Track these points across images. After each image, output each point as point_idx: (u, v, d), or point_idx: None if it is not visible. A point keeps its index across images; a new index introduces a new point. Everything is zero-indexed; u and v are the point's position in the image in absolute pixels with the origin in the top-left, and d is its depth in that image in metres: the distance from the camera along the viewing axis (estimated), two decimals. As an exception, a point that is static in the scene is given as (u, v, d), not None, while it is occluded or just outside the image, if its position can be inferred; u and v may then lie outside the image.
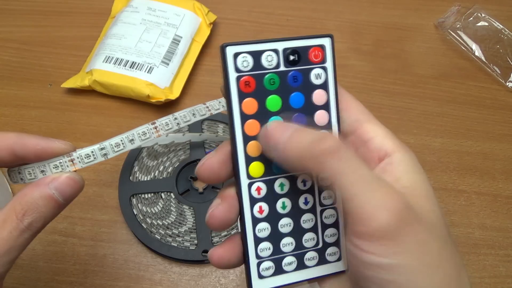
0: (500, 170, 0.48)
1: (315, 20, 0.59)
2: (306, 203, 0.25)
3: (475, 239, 0.44)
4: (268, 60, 0.23)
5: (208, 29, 0.55)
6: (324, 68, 0.24)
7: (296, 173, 0.24)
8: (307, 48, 0.24)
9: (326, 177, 0.21)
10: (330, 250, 0.25)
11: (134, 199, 0.44)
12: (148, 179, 0.45)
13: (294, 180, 0.24)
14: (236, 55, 0.22)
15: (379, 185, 0.21)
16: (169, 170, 0.45)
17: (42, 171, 0.24)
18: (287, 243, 0.25)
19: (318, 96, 0.24)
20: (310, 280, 0.25)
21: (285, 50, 0.23)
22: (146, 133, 0.26)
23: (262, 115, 0.23)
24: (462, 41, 0.56)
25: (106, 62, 0.50)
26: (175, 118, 0.28)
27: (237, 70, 0.23)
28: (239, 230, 0.24)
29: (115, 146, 0.25)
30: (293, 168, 0.22)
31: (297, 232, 0.25)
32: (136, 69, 0.50)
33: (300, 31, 0.57)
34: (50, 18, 0.58)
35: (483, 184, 0.47)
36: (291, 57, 0.23)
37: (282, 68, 0.23)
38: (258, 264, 0.24)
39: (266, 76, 0.23)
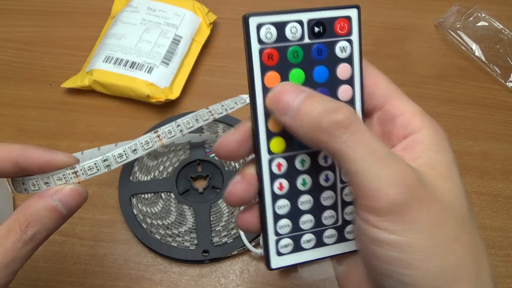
0: (500, 170, 0.48)
1: (315, 20, 0.59)
2: (327, 180, 0.24)
3: (475, 239, 0.44)
4: (292, 32, 0.22)
5: (208, 29, 0.55)
6: (350, 41, 0.23)
7: (313, 147, 0.24)
8: (332, 19, 0.22)
9: (335, 151, 0.20)
10: (349, 228, 0.25)
11: (134, 199, 0.44)
12: (148, 179, 0.45)
13: (315, 157, 0.24)
14: (259, 26, 0.22)
15: (391, 161, 0.20)
16: (169, 170, 0.45)
17: (46, 183, 0.25)
18: (306, 220, 0.24)
19: (342, 70, 0.23)
20: (328, 258, 0.25)
21: (310, 21, 0.22)
22: (149, 142, 0.26)
23: None
24: (462, 41, 0.56)
25: (106, 62, 0.50)
26: (178, 125, 0.28)
27: (260, 42, 0.22)
28: (258, 208, 0.24)
29: (118, 157, 0.25)
30: (303, 137, 0.21)
31: (317, 209, 0.24)
32: (136, 69, 0.50)
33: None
34: (50, 18, 0.58)
35: (483, 184, 0.47)
36: (316, 29, 0.22)
37: (306, 40, 0.22)
38: (277, 241, 0.24)
39: (290, 48, 0.22)
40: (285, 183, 0.24)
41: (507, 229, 0.44)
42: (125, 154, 0.26)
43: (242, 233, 0.41)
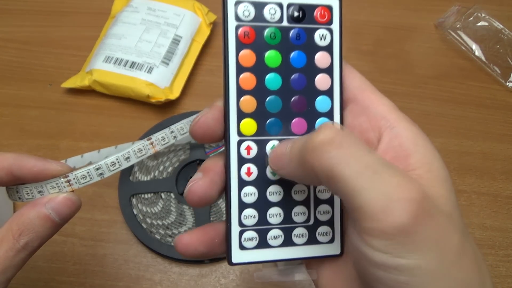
0: (500, 170, 0.48)
1: (315, 20, 0.59)
2: None
3: (475, 239, 0.44)
4: (271, 13, 0.22)
5: (208, 29, 0.55)
6: (330, 30, 0.23)
7: (298, 135, 0.23)
8: (313, 6, 0.23)
9: (326, 171, 0.18)
10: (321, 229, 0.24)
11: (134, 199, 0.44)
12: (148, 179, 0.45)
13: None
14: (237, 3, 0.22)
15: (389, 174, 0.18)
16: (169, 170, 0.45)
17: (40, 191, 0.25)
18: (274, 214, 0.23)
19: (321, 58, 0.23)
20: (296, 260, 0.24)
21: (289, 5, 0.22)
22: (142, 150, 0.26)
23: (260, 70, 0.22)
24: (462, 41, 0.56)
25: (106, 62, 0.50)
26: (172, 132, 0.28)
27: (237, 19, 0.22)
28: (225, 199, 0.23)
29: (111, 165, 0.25)
30: (301, 175, 0.20)
31: (287, 203, 0.23)
32: (136, 69, 0.50)
33: (300, 31, 0.57)
34: (50, 18, 0.58)
35: (483, 184, 0.47)
36: (296, 13, 0.22)
37: (285, 23, 0.22)
38: (241, 233, 0.23)
39: (268, 29, 0.22)
40: (253, 168, 0.23)
41: (507, 229, 0.44)
42: (118, 162, 0.25)
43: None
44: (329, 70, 0.23)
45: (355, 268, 0.21)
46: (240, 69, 0.22)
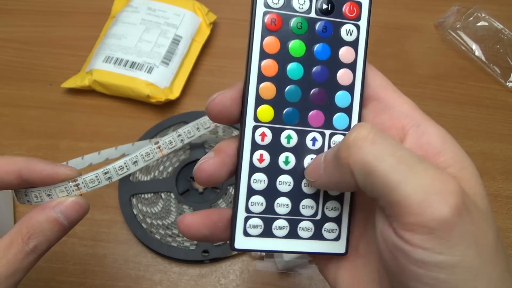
0: (500, 170, 0.48)
1: (315, 20, 0.59)
2: None
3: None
4: (300, 3, 0.22)
5: (208, 29, 0.55)
6: (357, 26, 0.23)
7: (315, 128, 0.23)
8: (343, 1, 0.23)
9: (361, 166, 0.18)
10: (328, 225, 0.23)
11: (134, 199, 0.44)
12: (148, 179, 0.45)
13: (303, 136, 0.23)
14: None
15: (425, 167, 0.18)
16: (169, 170, 0.45)
17: (49, 195, 0.25)
18: (282, 204, 0.23)
19: (345, 53, 0.23)
20: (299, 253, 0.24)
21: None
22: (149, 154, 0.26)
23: (283, 58, 0.22)
24: (462, 41, 0.56)
25: (106, 62, 0.50)
26: (179, 135, 0.28)
27: (266, 5, 0.22)
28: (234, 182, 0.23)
29: (119, 169, 0.25)
30: (337, 179, 0.20)
31: (296, 195, 0.23)
32: (136, 69, 0.50)
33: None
34: (50, 18, 0.58)
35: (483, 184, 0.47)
36: (324, 6, 0.22)
37: (313, 14, 0.22)
38: (246, 219, 0.23)
39: (295, 18, 0.22)
40: (266, 155, 0.23)
41: (507, 229, 0.44)
42: (126, 166, 0.25)
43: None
44: (352, 66, 0.23)
45: (386, 269, 0.20)
46: (263, 55, 0.22)
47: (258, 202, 0.23)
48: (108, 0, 0.58)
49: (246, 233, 0.23)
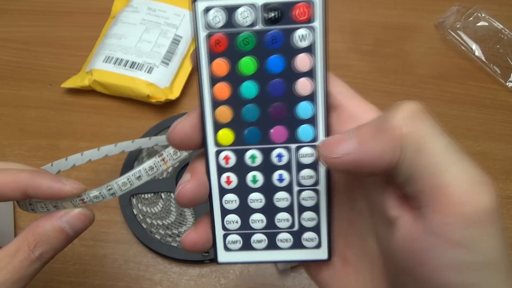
0: (500, 170, 0.48)
1: (315, 20, 0.59)
2: (280, 180, 0.23)
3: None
4: (243, 17, 0.20)
5: (208, 29, 0.55)
6: (312, 29, 0.21)
7: (278, 144, 0.22)
8: (291, 4, 0.20)
9: (416, 141, 0.17)
10: (307, 235, 0.23)
11: (134, 199, 0.44)
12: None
13: (268, 154, 0.22)
14: (207, 9, 0.20)
15: (466, 157, 0.17)
16: (169, 170, 0.45)
17: (55, 206, 0.25)
18: (257, 220, 0.23)
19: (301, 61, 0.21)
20: (282, 262, 0.24)
21: (264, 5, 0.20)
22: (153, 167, 0.25)
23: (234, 79, 0.21)
24: (462, 41, 0.56)
25: (106, 62, 0.50)
26: None
27: (207, 26, 0.21)
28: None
29: (122, 185, 0.25)
30: (376, 154, 0.18)
31: (269, 210, 0.23)
32: (136, 69, 0.50)
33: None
34: (50, 18, 0.58)
35: (483, 184, 0.47)
36: (271, 14, 0.20)
37: (259, 26, 0.20)
38: (225, 236, 0.23)
39: (240, 34, 0.21)
40: (233, 177, 0.23)
41: (507, 229, 0.44)
42: (129, 182, 0.25)
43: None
44: (311, 73, 0.21)
45: (399, 277, 0.19)
46: (213, 80, 0.21)
47: (233, 220, 0.23)
48: (108, 0, 0.58)
49: (226, 248, 0.23)
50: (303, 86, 0.21)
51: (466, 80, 0.54)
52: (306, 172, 0.23)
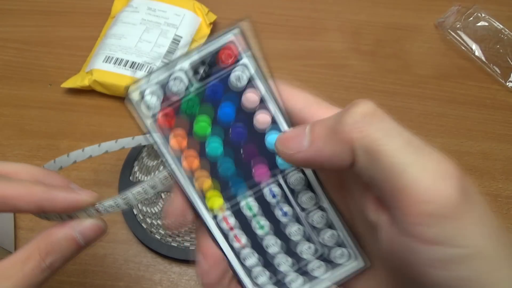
0: (500, 170, 0.48)
1: (315, 20, 0.59)
2: (285, 214, 0.22)
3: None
4: (177, 85, 0.20)
5: (208, 29, 0.55)
6: (244, 65, 0.20)
7: (263, 181, 0.22)
8: (214, 53, 0.20)
9: (367, 145, 0.17)
10: (335, 252, 0.23)
11: (134, 199, 0.44)
12: (148, 179, 0.45)
13: (261, 196, 0.22)
14: (140, 94, 0.20)
15: (429, 150, 0.17)
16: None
17: (69, 216, 0.25)
18: (282, 262, 0.23)
19: (248, 99, 0.21)
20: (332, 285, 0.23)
21: (191, 65, 0.20)
22: (168, 178, 0.24)
23: (196, 144, 0.21)
24: (462, 41, 0.56)
25: (106, 62, 0.50)
26: None
27: (149, 108, 0.20)
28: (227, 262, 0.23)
29: (137, 194, 0.24)
30: (328, 154, 0.18)
31: (289, 247, 0.23)
32: (136, 69, 0.50)
33: (300, 31, 0.57)
34: (50, 18, 0.58)
35: (483, 184, 0.47)
36: (201, 70, 0.20)
37: (196, 86, 0.20)
38: None
39: (183, 101, 0.20)
40: (240, 233, 0.22)
41: (507, 229, 0.44)
42: (144, 191, 0.24)
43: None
44: (262, 106, 0.21)
45: (401, 278, 0.19)
46: (177, 153, 0.21)
47: (260, 274, 0.23)
48: (108, 0, 0.58)
49: None
50: (261, 119, 0.21)
51: (466, 80, 0.54)
52: (303, 195, 0.22)
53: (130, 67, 0.50)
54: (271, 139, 0.21)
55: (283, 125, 0.21)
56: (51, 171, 0.27)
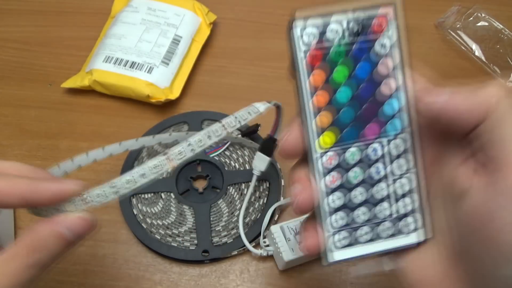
0: (500, 170, 0.48)
1: (315, 20, 0.59)
2: (378, 172, 0.25)
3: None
4: (333, 33, 0.24)
5: (208, 29, 0.55)
6: (389, 36, 0.24)
7: (373, 139, 0.25)
8: (370, 18, 0.24)
9: (501, 111, 0.21)
10: (405, 220, 0.25)
11: (134, 199, 0.44)
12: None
13: (365, 150, 0.25)
14: (302, 30, 0.23)
15: None
16: (169, 170, 0.45)
17: (57, 209, 0.25)
18: (360, 213, 0.25)
19: (384, 65, 0.24)
20: (386, 252, 0.26)
21: (349, 22, 0.24)
22: (157, 165, 0.25)
23: (330, 87, 0.24)
24: (462, 41, 0.56)
25: (106, 62, 0.50)
26: (189, 144, 0.26)
27: (304, 44, 0.24)
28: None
29: (125, 183, 0.25)
30: (461, 109, 0.22)
31: (370, 202, 0.25)
32: (136, 69, 0.50)
33: (300, 31, 0.57)
34: (50, 18, 0.58)
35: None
36: (355, 29, 0.24)
37: (347, 40, 0.24)
38: (333, 234, 0.25)
39: (332, 48, 0.24)
40: (337, 176, 0.25)
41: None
42: (134, 180, 0.25)
43: (242, 233, 0.41)
44: (393, 75, 0.24)
45: (465, 246, 0.22)
46: (312, 90, 0.24)
47: (339, 218, 0.25)
48: (108, 0, 0.58)
49: (335, 247, 0.25)
50: (387, 85, 0.24)
51: (466, 80, 0.53)
52: (398, 162, 0.25)
53: (130, 67, 0.50)
54: (389, 104, 0.25)
55: (403, 96, 0.24)
56: (39, 169, 0.27)
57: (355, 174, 0.25)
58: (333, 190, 0.25)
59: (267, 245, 0.41)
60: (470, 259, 0.22)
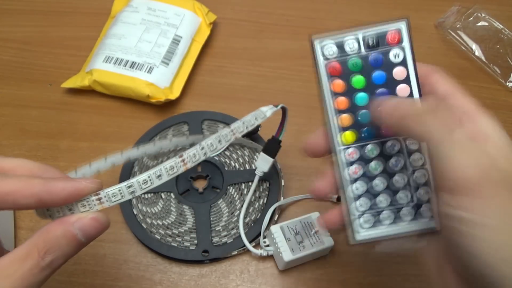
0: (500, 170, 0.48)
1: (315, 20, 0.59)
2: (396, 165, 0.28)
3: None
4: (350, 47, 0.27)
5: (208, 29, 0.55)
6: (402, 48, 0.28)
7: (389, 137, 0.28)
8: (384, 33, 0.27)
9: (422, 134, 0.23)
10: (424, 207, 0.28)
11: (134, 199, 0.44)
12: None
13: (383, 145, 0.28)
14: (322, 45, 0.28)
15: (471, 147, 0.23)
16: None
17: (70, 209, 0.24)
18: (382, 200, 0.29)
19: (398, 72, 0.28)
20: (407, 234, 0.28)
21: (364, 37, 0.27)
22: (173, 167, 0.26)
23: (350, 92, 0.28)
24: (462, 41, 0.56)
25: (106, 62, 0.50)
26: (202, 148, 0.27)
27: (325, 57, 0.28)
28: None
29: (142, 183, 0.25)
30: (395, 128, 0.26)
31: (390, 190, 0.29)
32: (136, 69, 0.50)
33: (300, 30, 0.57)
34: (50, 18, 0.58)
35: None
36: (371, 43, 0.27)
37: (363, 52, 0.28)
38: (358, 217, 0.29)
39: (350, 60, 0.28)
40: (358, 168, 0.29)
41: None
42: (150, 180, 0.25)
43: (242, 233, 0.41)
44: (406, 80, 0.28)
45: (441, 229, 0.25)
46: (334, 95, 0.28)
47: (363, 203, 0.29)
48: (108, 0, 0.58)
49: (362, 227, 0.29)
50: (402, 90, 0.28)
51: (466, 80, 0.54)
52: (415, 155, 0.28)
53: (130, 67, 0.50)
54: None
55: (416, 99, 0.28)
56: (49, 166, 0.26)
57: (375, 166, 0.28)
58: (356, 179, 0.29)
59: (267, 245, 0.41)
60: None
